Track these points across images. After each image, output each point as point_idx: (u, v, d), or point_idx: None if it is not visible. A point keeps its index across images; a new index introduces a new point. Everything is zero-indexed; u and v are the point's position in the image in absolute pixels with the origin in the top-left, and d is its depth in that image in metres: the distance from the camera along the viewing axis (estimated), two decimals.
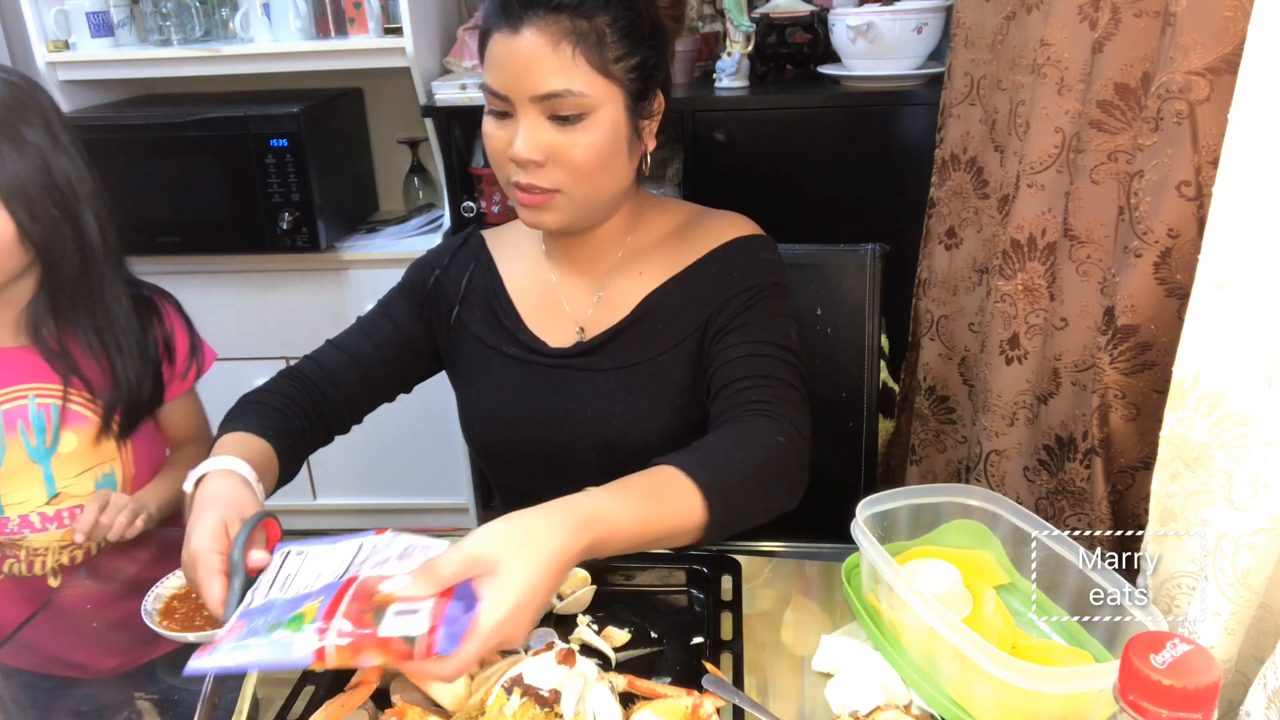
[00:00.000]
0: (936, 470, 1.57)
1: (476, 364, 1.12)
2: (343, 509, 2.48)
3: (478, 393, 1.12)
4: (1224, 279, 0.71)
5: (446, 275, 1.15)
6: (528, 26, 0.92)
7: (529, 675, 0.72)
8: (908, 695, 0.79)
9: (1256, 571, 0.69)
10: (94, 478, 1.20)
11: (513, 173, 0.97)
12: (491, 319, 1.12)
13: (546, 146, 0.95)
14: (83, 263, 1.15)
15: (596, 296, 1.10)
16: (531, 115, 0.94)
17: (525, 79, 0.93)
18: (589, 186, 0.98)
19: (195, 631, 0.91)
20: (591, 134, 0.95)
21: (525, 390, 1.10)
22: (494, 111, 0.98)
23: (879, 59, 1.97)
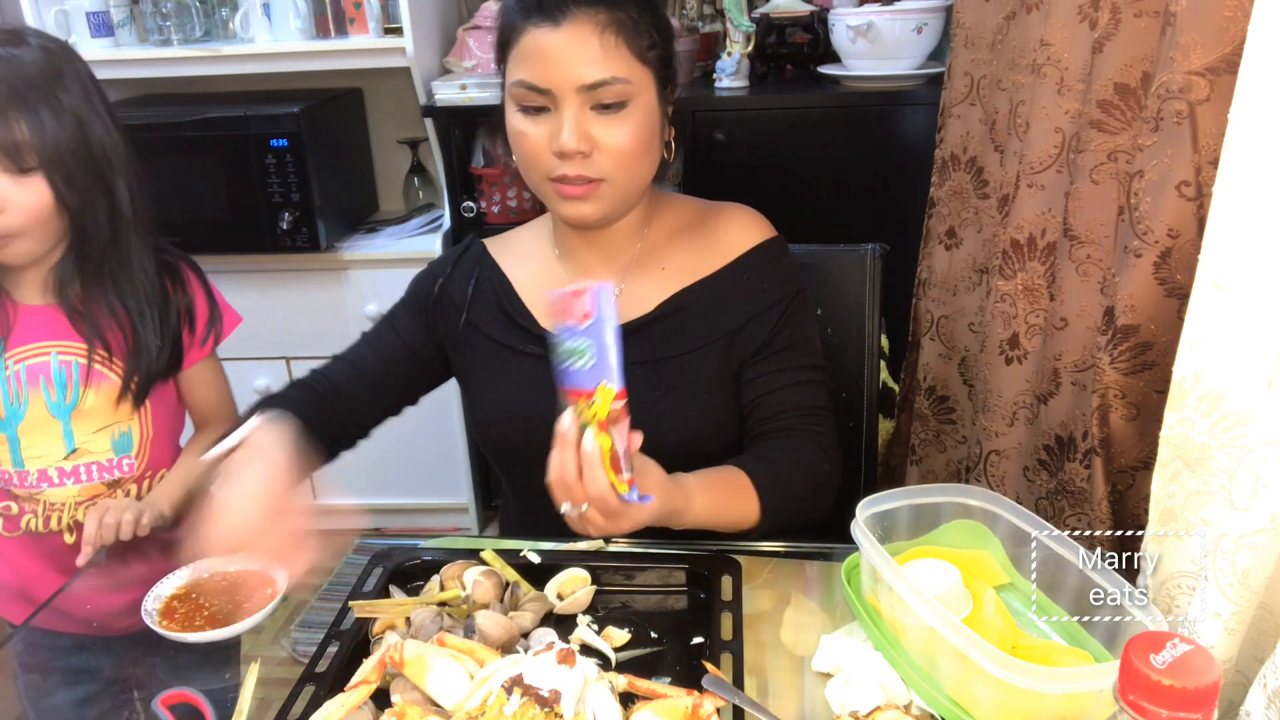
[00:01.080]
0: (936, 470, 1.57)
1: (491, 364, 1.12)
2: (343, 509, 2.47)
3: (494, 392, 1.12)
4: (1224, 279, 0.71)
5: (451, 282, 1.16)
6: (570, 19, 0.94)
7: (529, 675, 0.72)
8: (908, 695, 0.79)
9: (1256, 571, 0.69)
10: (111, 435, 1.22)
11: (555, 167, 0.98)
12: (504, 319, 1.12)
13: (591, 137, 0.97)
14: (113, 230, 1.17)
15: (617, 290, 1.10)
16: (575, 106, 0.96)
17: (571, 69, 0.95)
18: (631, 173, 1.01)
19: (195, 631, 0.92)
20: (634, 120, 0.98)
21: (546, 386, 1.07)
22: (528, 108, 0.98)
23: (879, 59, 1.97)
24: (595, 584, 0.93)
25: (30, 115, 1.07)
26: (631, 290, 1.10)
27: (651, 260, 1.11)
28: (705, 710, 0.73)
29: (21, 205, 1.08)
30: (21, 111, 1.06)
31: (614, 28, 0.95)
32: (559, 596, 0.92)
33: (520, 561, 0.96)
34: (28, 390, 1.17)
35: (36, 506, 1.21)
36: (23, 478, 1.19)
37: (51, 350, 1.18)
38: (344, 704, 0.74)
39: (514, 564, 0.95)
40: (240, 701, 0.83)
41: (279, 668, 0.91)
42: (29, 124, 1.06)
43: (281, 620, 0.97)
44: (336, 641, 0.85)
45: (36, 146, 1.07)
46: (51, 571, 1.23)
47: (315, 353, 2.28)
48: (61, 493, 1.21)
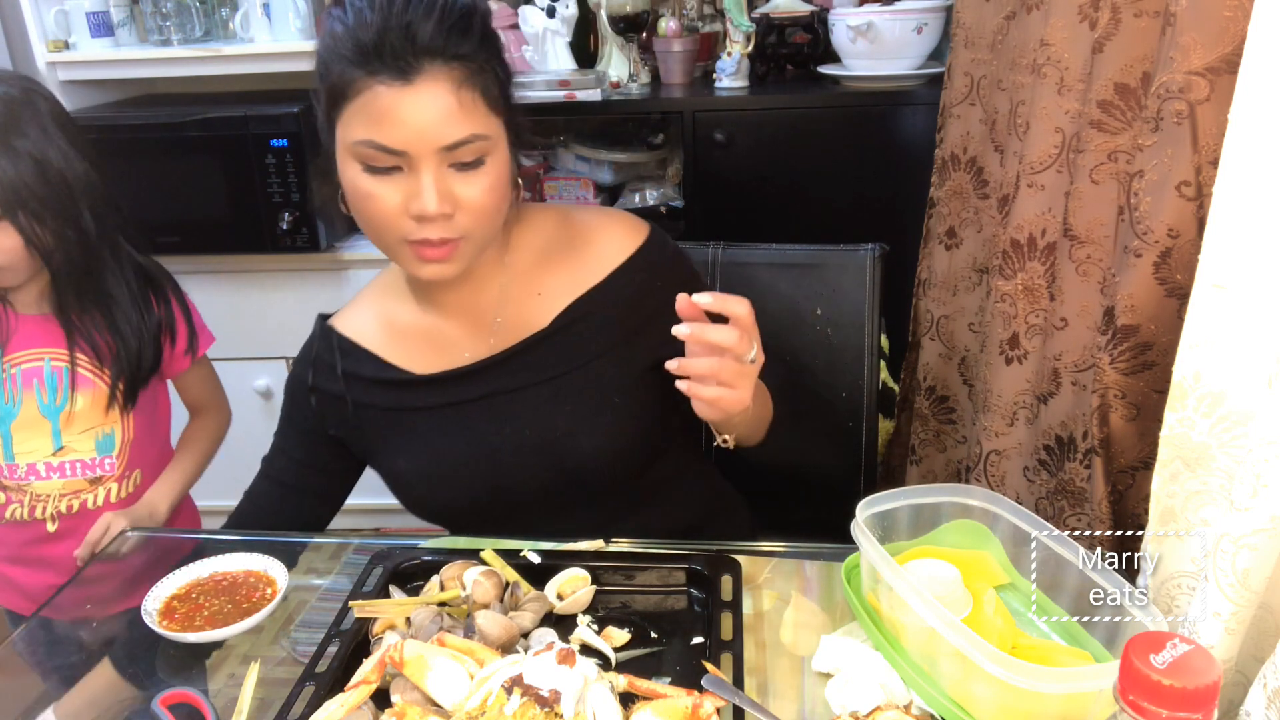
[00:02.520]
0: (936, 470, 1.57)
1: (391, 433, 1.08)
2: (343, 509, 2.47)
3: (405, 459, 1.08)
4: (1224, 279, 0.71)
5: (320, 378, 1.10)
6: (423, 76, 0.87)
7: (529, 675, 0.72)
8: (908, 695, 0.79)
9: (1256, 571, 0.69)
10: (95, 436, 1.29)
11: (412, 230, 0.92)
12: (385, 387, 1.08)
13: (452, 197, 0.91)
14: (85, 255, 1.22)
15: (495, 322, 1.06)
16: (433, 167, 0.90)
17: (429, 131, 0.88)
18: (489, 227, 0.96)
19: (195, 632, 0.92)
20: (492, 174, 0.93)
21: (453, 435, 1.06)
22: (376, 168, 0.91)
23: (879, 59, 1.97)
24: (595, 584, 0.93)
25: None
26: (511, 319, 1.06)
27: (523, 287, 1.06)
28: (705, 710, 0.73)
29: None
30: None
31: (469, 82, 0.89)
32: (559, 596, 0.92)
33: (520, 561, 0.96)
34: (22, 392, 1.25)
35: (23, 497, 1.28)
36: (12, 470, 1.27)
37: (45, 356, 1.26)
38: (344, 704, 0.74)
39: (514, 564, 0.95)
40: (240, 701, 0.83)
41: (279, 668, 0.91)
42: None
43: (281, 620, 0.97)
44: (336, 641, 0.85)
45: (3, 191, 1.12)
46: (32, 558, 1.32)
47: None
48: (47, 485, 1.28)
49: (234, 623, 0.92)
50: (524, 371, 1.05)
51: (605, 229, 1.08)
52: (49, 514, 1.29)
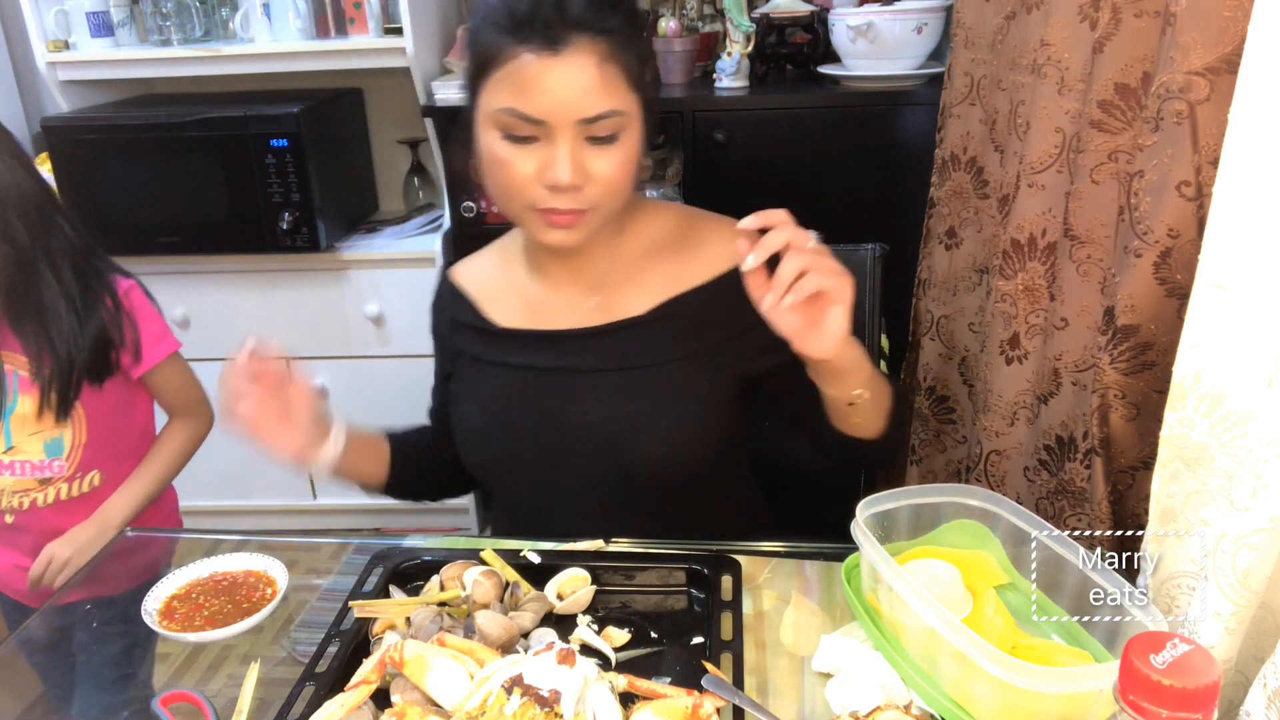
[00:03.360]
0: (936, 470, 1.57)
1: (472, 379, 1.12)
2: (343, 509, 2.48)
3: (473, 404, 1.12)
4: (1224, 279, 0.71)
5: (443, 318, 1.17)
6: (569, 47, 0.89)
7: (529, 675, 0.72)
8: (908, 695, 0.79)
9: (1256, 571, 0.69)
10: (42, 440, 1.28)
11: (543, 199, 0.95)
12: (480, 337, 1.11)
13: (585, 168, 0.94)
14: (15, 267, 1.20)
15: (593, 301, 1.08)
16: (570, 139, 0.92)
17: (571, 102, 0.90)
18: (616, 201, 0.99)
19: (195, 632, 0.92)
20: (624, 150, 0.95)
21: (523, 397, 1.08)
22: (515, 136, 0.93)
23: (879, 59, 1.97)
24: (595, 584, 0.93)
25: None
26: (608, 302, 1.07)
27: (625, 274, 1.07)
28: (705, 710, 0.73)
29: None
30: None
31: (612, 57, 0.91)
32: (559, 596, 0.92)
33: (520, 561, 0.96)
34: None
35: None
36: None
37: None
38: (344, 704, 0.74)
39: (514, 564, 0.95)
40: (240, 701, 0.83)
41: (279, 668, 0.91)
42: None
43: (281, 620, 0.97)
44: (337, 641, 0.85)
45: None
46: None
47: (315, 353, 2.31)
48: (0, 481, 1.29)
49: (234, 623, 0.92)
50: (604, 354, 1.06)
51: (719, 235, 1.08)
52: (4, 506, 1.30)
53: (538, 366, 1.08)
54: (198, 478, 2.42)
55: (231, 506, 2.47)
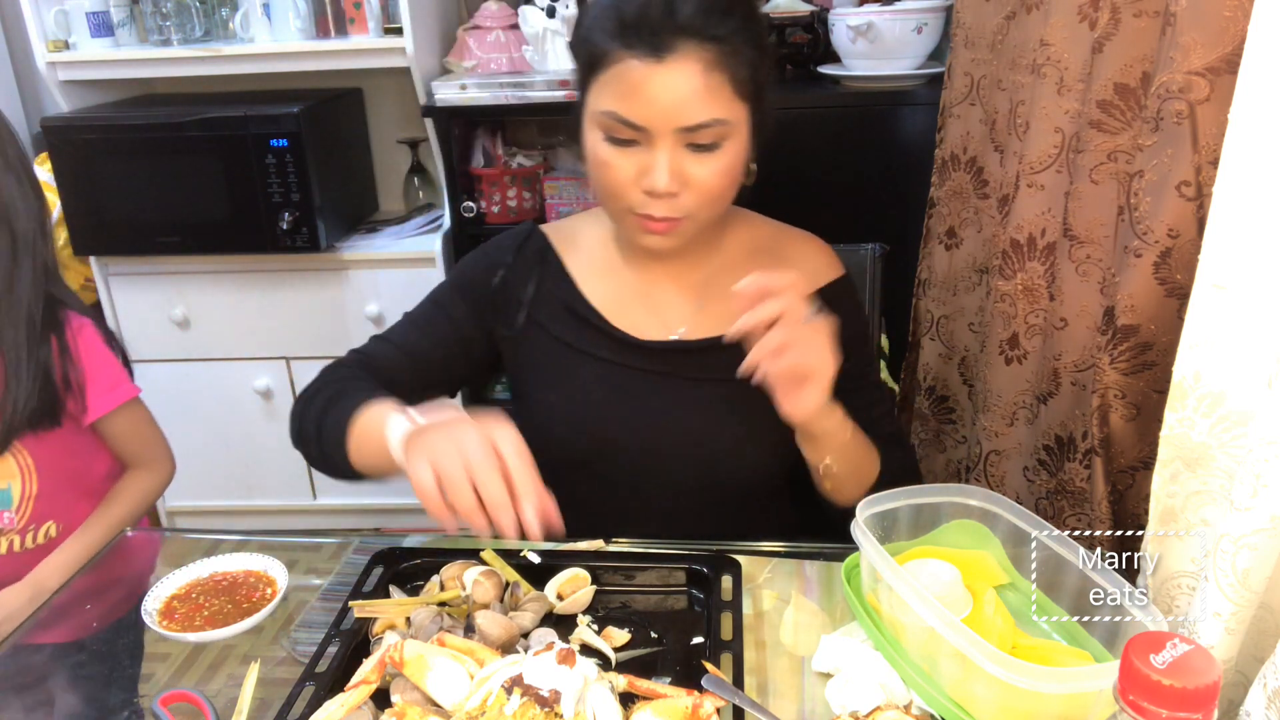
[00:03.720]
0: (936, 470, 1.57)
1: (558, 366, 1.07)
2: (343, 509, 2.48)
3: (560, 396, 1.07)
4: (1224, 279, 0.71)
5: (513, 274, 1.09)
6: (675, 55, 0.88)
7: (529, 675, 0.72)
8: (908, 695, 0.79)
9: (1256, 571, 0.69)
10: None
11: (641, 203, 0.94)
12: (571, 319, 1.07)
13: (684, 174, 0.92)
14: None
15: (695, 307, 1.07)
16: (669, 145, 0.91)
17: (672, 110, 0.89)
18: (714, 209, 0.98)
19: (195, 632, 0.92)
20: (726, 158, 0.94)
21: (621, 393, 1.05)
22: (617, 140, 0.93)
23: (879, 59, 1.97)
24: (595, 584, 0.93)
25: None
26: (714, 307, 1.06)
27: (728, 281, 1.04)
28: (705, 710, 0.73)
29: None
30: None
31: (719, 65, 0.89)
32: (559, 596, 0.92)
33: (520, 561, 0.96)
34: None
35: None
36: None
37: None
38: (344, 704, 0.74)
39: (514, 564, 0.95)
40: (240, 701, 0.83)
41: (279, 668, 0.91)
42: None
43: (281, 620, 0.97)
44: (336, 641, 0.85)
45: None
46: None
47: (315, 353, 2.30)
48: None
49: (234, 623, 0.92)
50: (709, 366, 1.04)
51: (812, 251, 1.11)
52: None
53: (640, 368, 1.05)
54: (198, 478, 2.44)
55: (231, 506, 2.47)
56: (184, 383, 2.34)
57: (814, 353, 0.87)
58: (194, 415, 2.35)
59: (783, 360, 0.86)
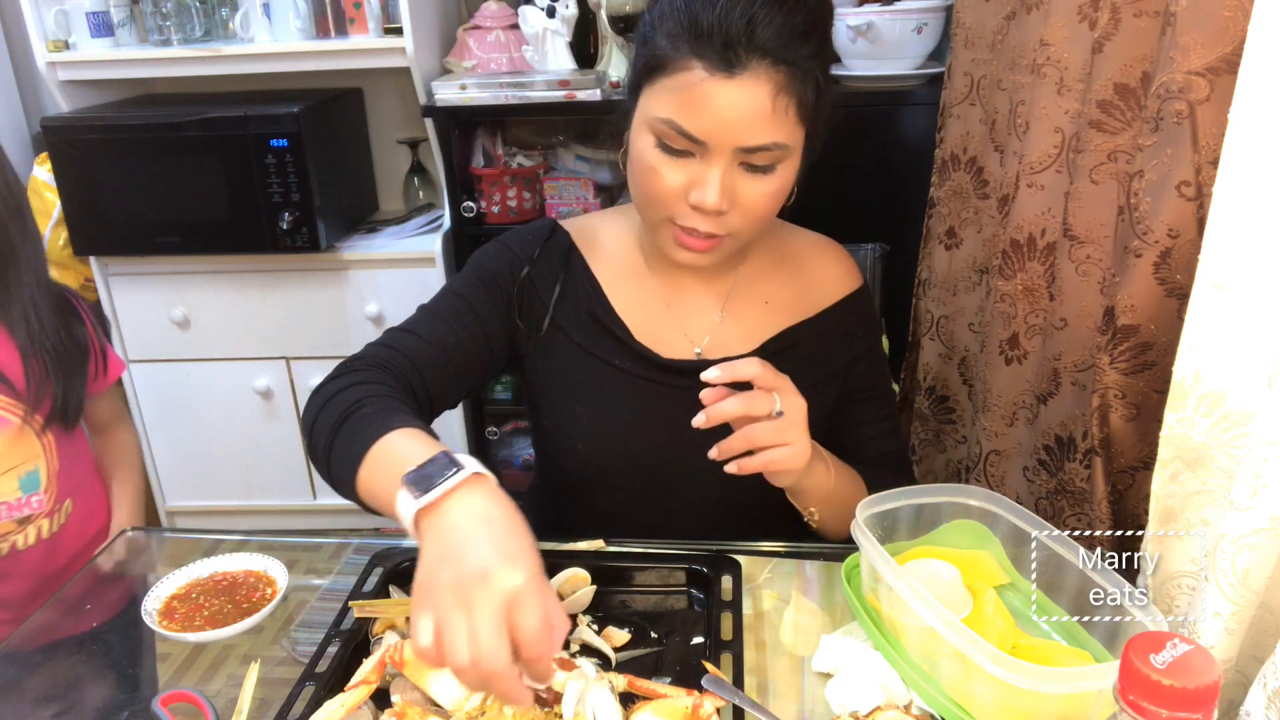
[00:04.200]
0: (936, 470, 1.57)
1: (582, 375, 1.05)
2: (343, 509, 2.48)
3: (585, 406, 1.05)
4: (1224, 279, 0.71)
5: (538, 273, 1.06)
6: (747, 74, 0.85)
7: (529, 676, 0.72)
8: (908, 695, 0.79)
9: (1256, 571, 0.69)
10: (18, 475, 1.21)
11: (684, 215, 0.91)
12: (595, 328, 1.05)
13: (732, 195, 0.90)
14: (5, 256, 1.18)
15: (719, 317, 1.06)
16: (725, 162, 0.88)
17: (734, 129, 0.86)
18: (757, 229, 0.96)
19: (195, 632, 0.92)
20: (777, 181, 0.91)
21: (645, 405, 1.04)
22: (671, 149, 0.89)
23: (879, 59, 1.97)
24: (595, 584, 0.93)
25: None
26: (736, 320, 1.06)
27: (752, 291, 1.05)
28: (705, 710, 0.73)
29: None
30: None
31: (788, 88, 0.86)
32: (559, 596, 0.92)
33: None
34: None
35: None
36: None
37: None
38: (344, 704, 0.74)
39: None
40: (240, 701, 0.83)
41: (279, 668, 0.91)
42: None
43: (281, 620, 0.97)
44: (336, 641, 0.85)
45: None
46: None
47: (315, 353, 2.30)
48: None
49: (234, 623, 0.92)
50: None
51: (832, 264, 1.11)
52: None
53: (667, 383, 1.04)
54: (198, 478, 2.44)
55: (231, 506, 2.47)
56: (184, 383, 2.33)
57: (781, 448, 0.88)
58: (194, 415, 2.35)
59: (747, 465, 0.89)
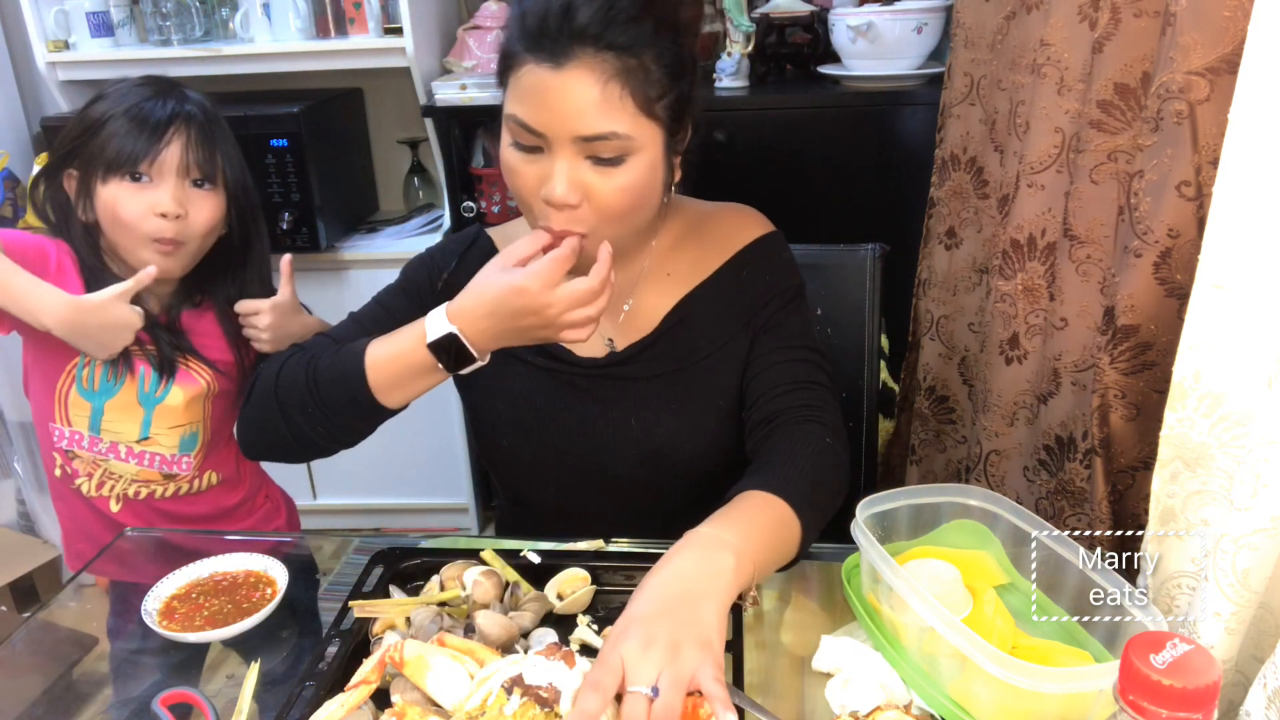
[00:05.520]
0: (936, 470, 1.57)
1: (500, 373, 1.06)
2: (343, 509, 2.48)
3: (504, 403, 1.08)
4: (1224, 279, 0.71)
5: (455, 278, 1.08)
6: (573, 62, 0.86)
7: (529, 675, 0.72)
8: (908, 695, 0.79)
9: (1256, 571, 0.69)
10: (180, 434, 1.31)
11: (543, 212, 0.93)
12: None
13: (583, 188, 0.90)
14: (243, 253, 1.32)
15: (625, 306, 1.07)
16: (569, 155, 0.89)
17: (568, 119, 0.87)
18: (620, 227, 0.94)
19: (195, 631, 0.92)
20: (629, 175, 0.91)
21: (560, 400, 1.06)
22: (521, 145, 0.92)
23: (879, 59, 1.97)
24: (595, 584, 0.93)
25: (222, 147, 1.25)
26: (640, 305, 1.07)
27: (658, 269, 1.07)
28: (705, 711, 0.73)
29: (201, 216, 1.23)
30: (217, 143, 1.24)
31: (620, 78, 0.87)
32: (559, 596, 0.92)
33: (520, 561, 0.96)
34: (126, 373, 1.26)
35: (95, 471, 1.30)
36: (94, 443, 1.28)
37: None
38: (344, 704, 0.74)
39: (514, 564, 0.95)
40: (240, 701, 0.83)
41: (279, 668, 0.91)
42: (221, 154, 1.24)
43: (281, 620, 0.97)
44: (336, 641, 0.85)
45: (225, 171, 1.25)
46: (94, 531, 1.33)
47: None
48: (124, 468, 1.30)
49: (234, 623, 0.92)
50: (639, 367, 1.05)
51: (732, 220, 1.10)
52: (115, 493, 1.31)
53: (575, 374, 1.06)
54: None
55: None
56: None
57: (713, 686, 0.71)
58: None
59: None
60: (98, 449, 1.28)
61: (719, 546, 0.78)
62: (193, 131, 1.21)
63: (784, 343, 1.04)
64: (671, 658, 0.69)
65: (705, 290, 1.06)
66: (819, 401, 1.00)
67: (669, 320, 1.06)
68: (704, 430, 1.05)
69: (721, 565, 0.77)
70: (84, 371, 1.25)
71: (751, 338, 1.05)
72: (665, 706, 0.68)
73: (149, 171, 1.19)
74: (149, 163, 1.18)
